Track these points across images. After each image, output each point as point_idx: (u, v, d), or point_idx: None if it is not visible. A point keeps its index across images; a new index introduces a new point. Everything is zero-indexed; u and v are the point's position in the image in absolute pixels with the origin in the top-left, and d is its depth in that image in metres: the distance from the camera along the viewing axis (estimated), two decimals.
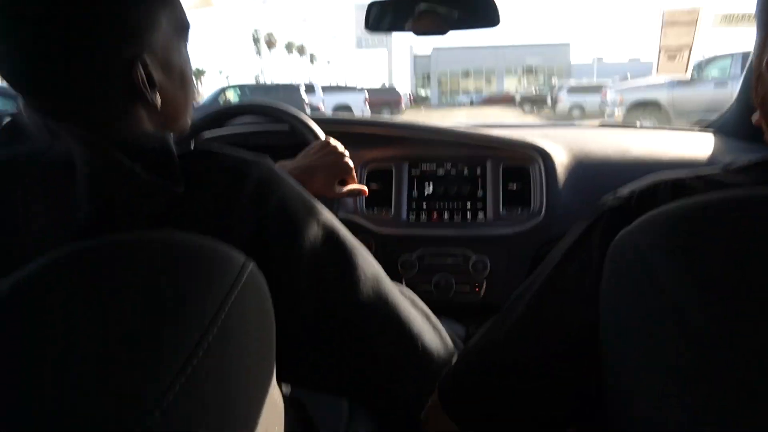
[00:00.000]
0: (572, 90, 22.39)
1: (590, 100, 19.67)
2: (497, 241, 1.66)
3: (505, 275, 1.67)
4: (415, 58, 57.66)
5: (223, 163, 0.68)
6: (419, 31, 1.46)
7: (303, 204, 0.71)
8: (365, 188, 1.35)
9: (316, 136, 1.42)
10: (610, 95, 14.64)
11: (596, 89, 19.62)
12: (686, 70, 1.72)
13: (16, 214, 0.60)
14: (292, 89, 16.88)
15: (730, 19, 1.70)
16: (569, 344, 0.63)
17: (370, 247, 1.77)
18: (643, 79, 15.99)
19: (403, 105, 27.44)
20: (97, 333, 0.38)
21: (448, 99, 50.79)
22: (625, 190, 0.64)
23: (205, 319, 0.42)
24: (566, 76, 52.34)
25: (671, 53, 1.68)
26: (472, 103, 37.93)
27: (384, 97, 26.05)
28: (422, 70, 57.65)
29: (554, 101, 23.47)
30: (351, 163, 1.24)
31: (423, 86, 59.86)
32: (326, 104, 19.39)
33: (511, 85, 56.31)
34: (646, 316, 0.46)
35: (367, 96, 22.17)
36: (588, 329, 0.57)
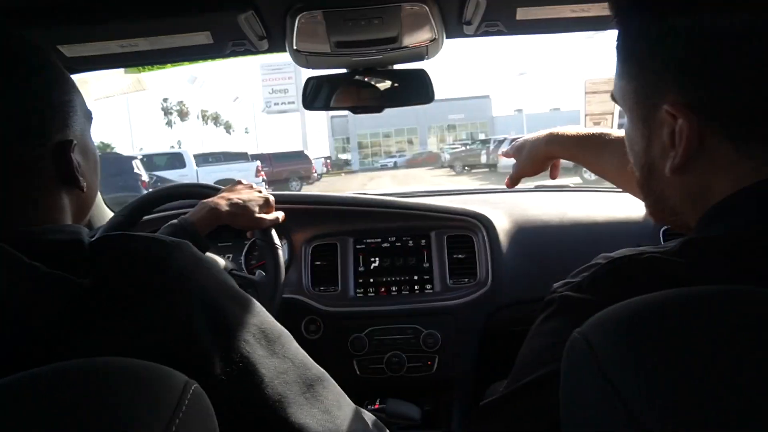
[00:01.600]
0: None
1: None
2: (447, 312, 1.71)
3: (457, 347, 1.72)
4: (333, 120, 56.00)
5: (141, 247, 0.67)
6: (357, 110, 1.56)
7: (228, 293, 0.69)
8: (282, 214, 1.48)
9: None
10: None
11: None
12: None
13: None
14: (122, 161, 14.25)
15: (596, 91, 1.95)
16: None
17: (318, 328, 1.71)
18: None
19: (315, 172, 24.11)
20: None
21: (370, 162, 50.26)
22: (573, 278, 0.66)
23: None
24: (490, 130, 52.24)
25: (596, 119, 1.88)
26: (396, 166, 37.76)
27: (290, 165, 22.31)
28: (341, 133, 56.21)
29: (490, 159, 21.78)
30: (271, 197, 1.45)
31: (343, 150, 58.06)
32: (202, 179, 16.78)
33: (434, 143, 55.55)
34: (601, 418, 0.46)
35: (261, 165, 19.15)
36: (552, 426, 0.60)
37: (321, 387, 0.75)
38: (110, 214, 1.96)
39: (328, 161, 37.49)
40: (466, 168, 26.29)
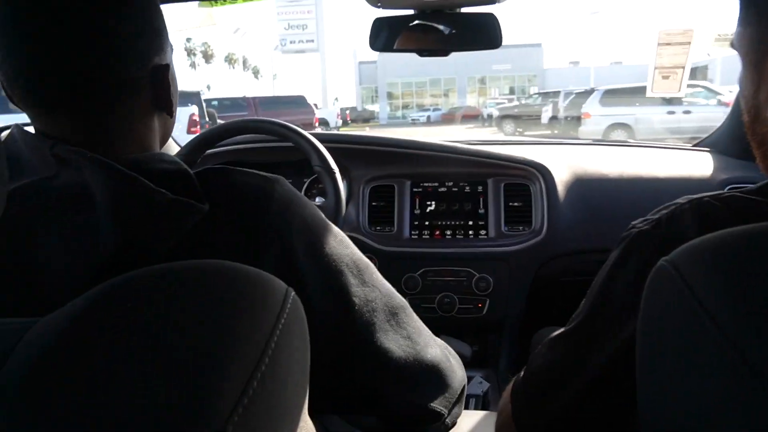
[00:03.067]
0: (608, 96, 14.16)
1: (637, 115, 13.55)
2: (499, 258, 1.83)
3: (508, 292, 1.85)
4: (360, 66, 51.56)
5: (245, 181, 0.75)
6: (423, 53, 1.61)
7: (324, 225, 0.81)
8: None
9: (319, 153, 1.55)
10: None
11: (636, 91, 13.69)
12: (680, 89, 1.97)
13: (32, 251, 0.62)
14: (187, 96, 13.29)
15: (724, 39, 1.98)
16: (616, 363, 0.70)
17: (374, 264, 2.00)
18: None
19: (317, 124, 20.13)
20: (154, 362, 0.41)
21: (401, 115, 46.34)
22: (653, 215, 0.73)
23: (258, 348, 0.45)
24: (540, 85, 47.89)
25: (665, 73, 1.92)
26: (429, 121, 35.25)
27: (283, 115, 15.87)
28: (369, 81, 51.46)
29: (561, 116, 16.88)
30: None
31: (372, 100, 53.22)
32: None
33: (474, 97, 50.11)
34: (692, 341, 0.50)
35: (256, 109, 17.51)
36: (630, 351, 0.64)
37: (404, 314, 0.84)
38: (173, 145, 2.09)
39: (347, 112, 34.80)
40: (519, 130, 20.24)
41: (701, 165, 1.96)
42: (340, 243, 0.81)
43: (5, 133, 0.75)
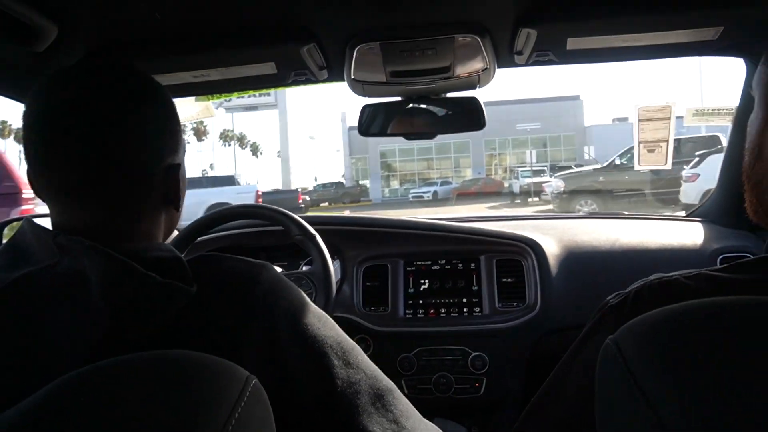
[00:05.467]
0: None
1: None
2: (495, 335, 2.13)
3: (505, 370, 2.13)
4: (350, 133, 49.92)
5: (233, 267, 0.93)
6: (410, 137, 2.08)
7: (308, 308, 0.97)
8: None
9: (296, 223, 1.92)
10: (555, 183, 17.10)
11: None
12: (666, 162, 2.45)
13: (35, 334, 0.78)
14: None
15: (701, 114, 2.58)
16: None
17: (368, 347, 2.17)
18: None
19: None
20: None
21: (401, 191, 46.47)
22: (625, 290, 0.87)
23: None
24: (579, 148, 45.47)
25: (650, 147, 2.50)
26: (436, 198, 35.69)
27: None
28: (361, 150, 51.09)
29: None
30: None
31: (366, 174, 52.42)
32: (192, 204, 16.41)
33: (493, 165, 49.18)
34: (631, 422, 0.61)
35: None
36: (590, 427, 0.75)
37: (391, 397, 0.98)
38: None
39: (300, 195, 30.02)
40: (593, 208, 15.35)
41: (693, 235, 2.33)
42: (324, 325, 0.97)
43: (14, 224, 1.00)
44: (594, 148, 42.41)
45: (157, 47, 1.53)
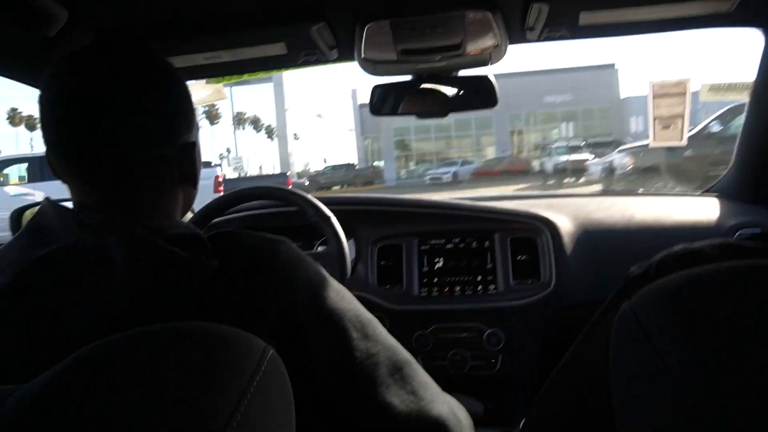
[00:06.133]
0: None
1: None
2: (510, 312, 2.24)
3: (520, 347, 2.24)
4: (361, 111, 47.77)
5: (252, 242, 0.98)
6: (422, 115, 2.18)
7: (327, 282, 1.02)
8: None
9: (311, 204, 2.01)
10: None
11: None
12: (681, 138, 2.55)
13: (56, 311, 0.84)
14: None
15: (717, 89, 2.72)
16: (594, 412, 0.90)
17: (384, 324, 2.29)
18: None
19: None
20: (126, 422, 0.58)
21: (419, 172, 45.11)
22: (648, 261, 0.92)
23: (229, 407, 0.61)
24: (616, 121, 43.32)
25: (665, 123, 2.63)
26: (456, 179, 35.04)
27: None
28: (374, 129, 49.71)
29: None
30: None
31: (380, 154, 50.58)
32: None
33: (519, 143, 46.68)
34: (648, 387, 0.65)
35: None
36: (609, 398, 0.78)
37: (409, 369, 1.03)
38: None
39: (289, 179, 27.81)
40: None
41: (709, 211, 2.43)
42: (343, 299, 1.01)
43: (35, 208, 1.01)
44: (633, 122, 39.29)
45: (168, 29, 1.61)
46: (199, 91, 2.35)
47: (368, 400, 0.98)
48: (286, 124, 45.90)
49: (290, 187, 2.56)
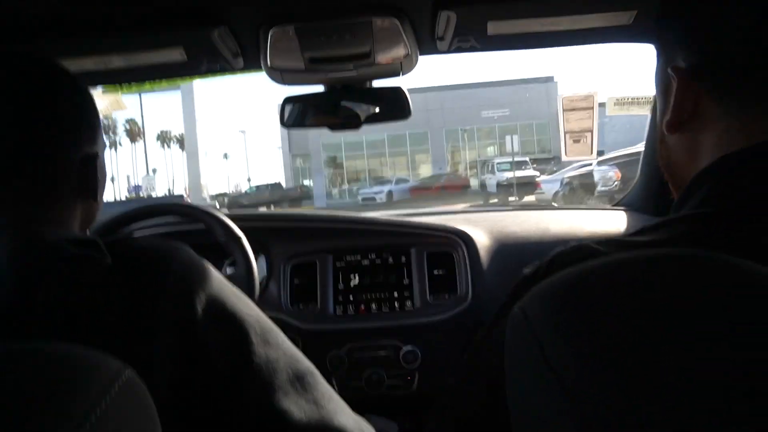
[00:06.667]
0: None
1: None
2: (427, 329, 2.28)
3: (438, 364, 2.27)
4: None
5: (149, 244, 1.00)
6: (335, 128, 2.22)
7: (226, 287, 1.03)
8: None
9: (221, 223, 2.01)
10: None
11: None
12: (591, 152, 2.73)
13: None
14: None
15: (621, 103, 2.94)
16: (493, 419, 0.91)
17: (296, 345, 2.19)
18: None
19: None
20: None
21: (350, 191, 45.98)
22: (540, 261, 0.96)
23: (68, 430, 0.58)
24: (557, 137, 42.48)
25: (575, 137, 2.83)
26: (390, 199, 35.21)
27: None
28: (302, 147, 51.05)
29: None
30: None
31: (309, 173, 50.44)
32: None
33: (457, 158, 47.41)
34: (536, 387, 0.66)
35: None
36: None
37: (311, 379, 1.05)
38: None
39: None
40: None
41: (618, 223, 2.58)
42: (244, 304, 1.03)
43: None
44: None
45: (48, 28, 1.56)
46: (97, 100, 2.39)
47: (266, 407, 0.99)
48: (197, 138, 44.68)
49: None
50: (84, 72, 1.83)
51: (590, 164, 18.53)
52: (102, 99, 2.36)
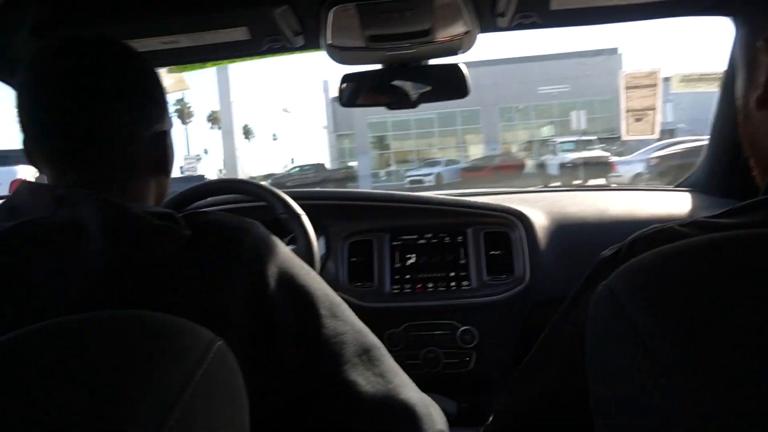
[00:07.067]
0: None
1: None
2: (484, 309, 2.33)
3: (495, 344, 2.32)
4: (334, 104, 46.71)
5: (224, 218, 1.05)
6: (392, 107, 2.27)
7: (296, 261, 1.08)
8: None
9: (282, 200, 2.07)
10: None
11: None
12: (653, 131, 2.71)
13: (27, 278, 0.90)
14: None
15: (688, 80, 2.97)
16: (570, 396, 0.94)
17: None
18: None
19: None
20: (63, 408, 0.60)
21: (397, 174, 43.40)
22: (620, 243, 0.97)
23: (167, 400, 0.63)
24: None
25: (638, 115, 2.86)
26: (439, 182, 33.75)
27: None
28: (348, 125, 49.21)
29: None
30: None
31: (352, 153, 48.15)
32: None
33: (510, 138, 44.36)
34: (625, 362, 0.68)
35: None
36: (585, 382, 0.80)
37: (378, 353, 1.10)
38: None
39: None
40: None
41: (681, 205, 2.58)
42: (313, 278, 1.08)
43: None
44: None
45: (119, 10, 1.66)
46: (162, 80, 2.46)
47: (333, 378, 1.04)
48: (232, 116, 44.11)
49: None
50: (151, 51, 1.95)
51: (681, 142, 17.17)
52: (166, 78, 2.53)
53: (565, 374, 1.02)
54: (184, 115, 65.40)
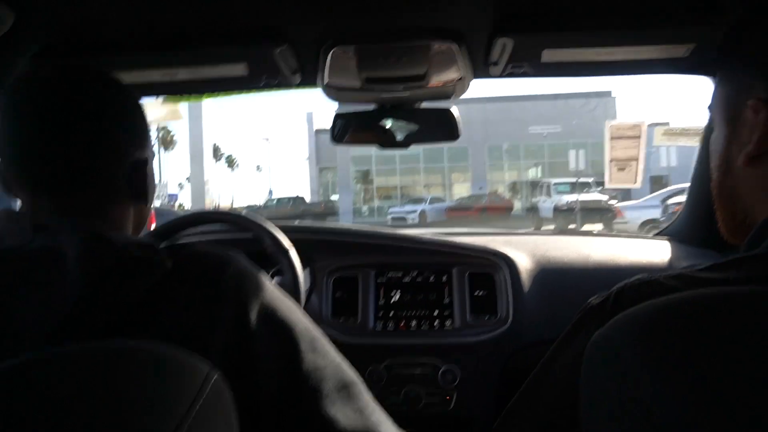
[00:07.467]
0: None
1: None
2: (466, 349, 2.37)
3: (476, 385, 2.36)
4: (317, 137, 49.36)
5: (205, 251, 1.08)
6: (383, 146, 2.35)
7: (278, 295, 1.12)
8: None
9: (270, 234, 2.12)
10: None
11: None
12: (635, 181, 2.83)
13: (3, 306, 0.93)
14: None
15: (670, 133, 3.13)
16: None
17: None
18: None
19: None
20: None
21: (379, 209, 44.62)
22: (607, 291, 1.01)
23: (167, 430, 0.64)
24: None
25: (621, 165, 3.05)
26: (423, 220, 34.31)
27: None
28: (331, 158, 49.69)
29: None
30: None
31: (333, 188, 47.96)
32: None
33: (496, 178, 45.04)
34: (620, 415, 0.71)
35: None
36: (574, 427, 0.85)
37: (356, 388, 1.13)
38: None
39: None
40: None
41: (661, 254, 2.69)
42: (294, 312, 1.11)
43: None
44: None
45: (122, 42, 1.71)
46: (155, 109, 2.54)
47: (312, 414, 1.08)
48: (203, 141, 42.26)
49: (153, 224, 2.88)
50: (150, 83, 2.03)
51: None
52: (161, 108, 2.60)
53: (553, 417, 1.06)
54: (167, 142, 65.29)
